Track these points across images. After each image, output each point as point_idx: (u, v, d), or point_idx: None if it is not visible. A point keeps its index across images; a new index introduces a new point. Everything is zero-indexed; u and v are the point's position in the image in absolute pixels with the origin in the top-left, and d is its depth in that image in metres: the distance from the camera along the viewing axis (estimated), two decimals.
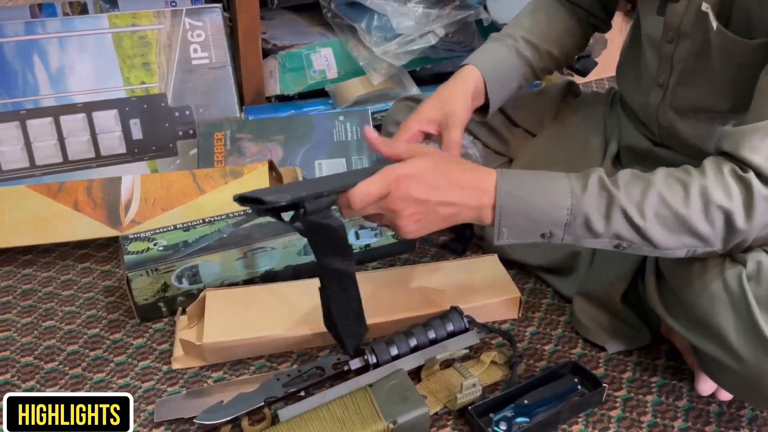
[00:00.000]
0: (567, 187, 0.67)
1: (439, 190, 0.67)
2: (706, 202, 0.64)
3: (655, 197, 0.65)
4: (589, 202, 0.66)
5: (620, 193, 0.66)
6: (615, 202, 0.65)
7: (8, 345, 0.91)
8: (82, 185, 1.09)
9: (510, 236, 0.69)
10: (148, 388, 0.83)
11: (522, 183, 0.68)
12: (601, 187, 0.67)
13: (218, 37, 1.27)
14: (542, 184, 0.68)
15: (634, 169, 0.93)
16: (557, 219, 0.67)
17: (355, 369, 0.81)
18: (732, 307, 0.67)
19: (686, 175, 0.65)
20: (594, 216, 0.66)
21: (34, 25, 1.19)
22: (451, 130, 0.83)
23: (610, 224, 0.66)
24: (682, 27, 0.79)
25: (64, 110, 1.22)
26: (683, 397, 0.81)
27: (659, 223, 0.65)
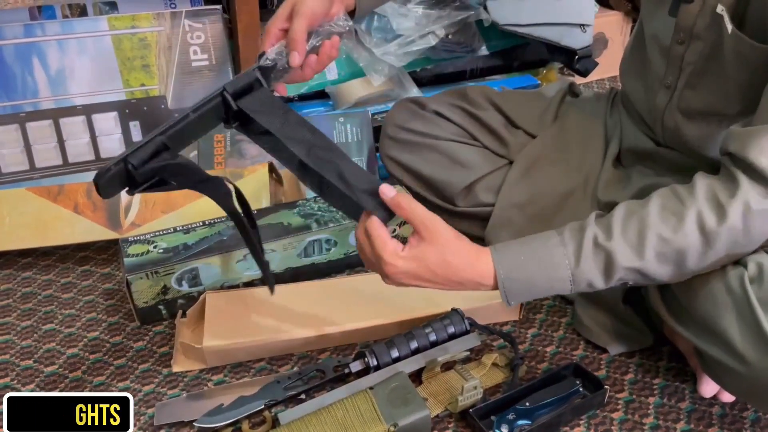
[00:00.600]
0: (563, 258, 0.68)
1: (432, 283, 0.70)
2: (703, 231, 0.65)
3: (652, 236, 0.66)
4: (587, 266, 0.68)
5: (614, 243, 0.67)
6: (613, 259, 0.67)
7: (8, 348, 0.91)
8: (81, 188, 1.09)
9: (519, 301, 0.73)
10: (148, 392, 0.83)
11: (519, 264, 0.69)
12: (596, 246, 0.68)
13: (218, 38, 1.27)
14: (539, 261, 0.69)
15: (637, 168, 0.94)
16: (561, 288, 0.69)
17: (356, 371, 0.81)
18: (735, 310, 0.67)
19: (679, 205, 0.66)
20: (596, 278, 0.68)
21: (34, 28, 1.19)
22: (295, 20, 0.78)
23: (612, 278, 0.68)
24: (695, 29, 0.78)
25: (63, 113, 1.21)
26: (686, 398, 0.81)
27: (659, 261, 0.66)
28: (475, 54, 1.42)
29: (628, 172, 0.96)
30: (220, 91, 0.72)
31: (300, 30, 0.78)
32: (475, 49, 1.41)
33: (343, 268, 1.02)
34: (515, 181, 1.01)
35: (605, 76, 1.78)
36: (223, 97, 0.72)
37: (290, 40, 0.78)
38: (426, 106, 1.08)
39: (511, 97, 1.11)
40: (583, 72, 1.52)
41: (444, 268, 0.69)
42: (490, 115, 1.07)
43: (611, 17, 1.72)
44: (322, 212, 1.00)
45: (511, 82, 1.44)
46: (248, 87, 0.74)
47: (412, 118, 1.08)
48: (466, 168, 1.04)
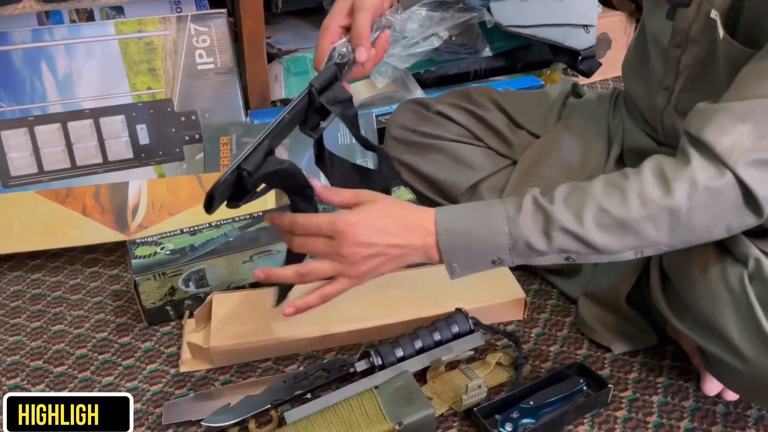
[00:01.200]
0: (502, 212, 0.68)
1: (387, 234, 0.70)
2: (645, 202, 0.64)
3: (592, 206, 0.66)
4: (525, 222, 0.67)
5: (555, 207, 0.67)
6: (552, 218, 0.66)
7: (18, 349, 0.92)
8: (89, 190, 1.10)
9: (462, 270, 0.71)
10: (156, 391, 0.84)
11: (459, 217, 0.70)
12: (536, 205, 0.68)
13: (223, 42, 1.28)
14: (478, 214, 0.69)
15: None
16: (500, 245, 0.68)
17: (361, 371, 0.81)
18: (734, 308, 0.67)
19: (623, 179, 0.66)
20: (534, 236, 0.67)
21: (42, 33, 1.20)
22: (358, 14, 0.78)
23: (551, 240, 0.67)
24: (691, 33, 0.78)
25: (71, 116, 1.23)
26: (689, 397, 0.81)
27: (600, 230, 0.66)
28: (478, 55, 1.43)
29: None
30: (308, 89, 0.72)
31: (365, 25, 0.77)
32: (478, 51, 1.42)
33: None
34: (519, 182, 1.01)
35: (609, 77, 1.78)
36: (310, 93, 0.72)
37: (355, 35, 0.77)
38: (430, 107, 1.09)
39: (515, 98, 1.12)
40: (587, 72, 1.52)
41: (389, 216, 0.69)
42: (494, 115, 1.08)
43: (615, 17, 1.73)
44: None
45: (515, 83, 1.45)
46: (329, 83, 0.74)
47: (416, 119, 1.09)
48: (470, 168, 1.04)
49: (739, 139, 0.62)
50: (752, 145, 0.61)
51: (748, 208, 0.63)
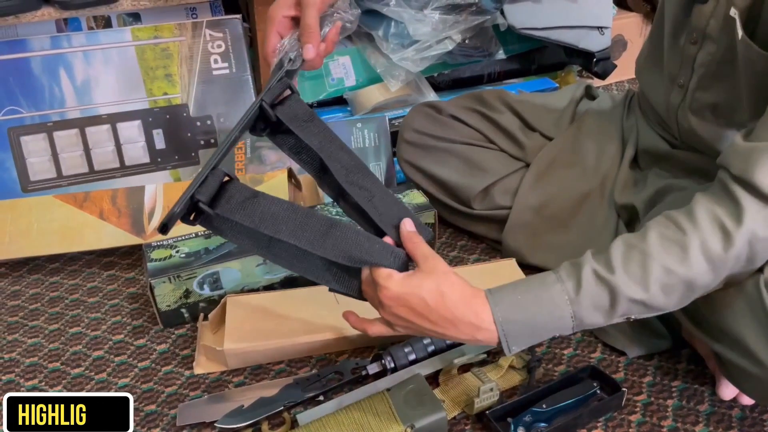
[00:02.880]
0: (563, 293, 0.64)
1: (426, 321, 0.66)
2: (709, 259, 0.62)
3: (657, 269, 0.63)
4: (588, 302, 0.64)
5: (618, 277, 0.63)
6: (616, 292, 0.63)
7: (36, 351, 0.93)
8: (107, 195, 1.11)
9: (521, 348, 0.67)
10: (171, 393, 0.85)
11: (516, 303, 0.65)
12: (597, 279, 0.64)
13: (238, 47, 1.29)
14: (537, 299, 0.65)
15: (654, 170, 0.93)
16: (563, 327, 0.65)
17: (373, 373, 0.81)
18: (751, 314, 0.66)
19: (680, 233, 0.63)
20: (599, 314, 0.65)
21: (60, 40, 1.22)
22: (306, 10, 0.77)
23: (615, 312, 0.64)
24: (708, 30, 0.77)
25: (89, 122, 1.25)
26: (705, 401, 0.80)
27: (665, 292, 0.63)
28: (492, 58, 1.43)
29: (644, 174, 0.96)
30: (259, 103, 0.71)
31: (313, 21, 0.76)
32: (492, 53, 1.42)
33: None
34: (532, 184, 1.01)
35: (624, 78, 1.77)
36: (262, 108, 0.71)
37: (304, 32, 0.76)
38: (443, 111, 1.09)
39: (528, 100, 1.12)
40: (602, 74, 1.51)
41: (437, 301, 0.64)
42: (507, 118, 1.08)
43: (630, 19, 1.72)
44: (340, 216, 1.01)
45: (529, 86, 1.44)
46: (282, 97, 0.74)
47: (429, 123, 1.09)
48: (483, 171, 1.04)
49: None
50: None
51: None
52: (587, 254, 0.66)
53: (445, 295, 0.65)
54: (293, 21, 0.80)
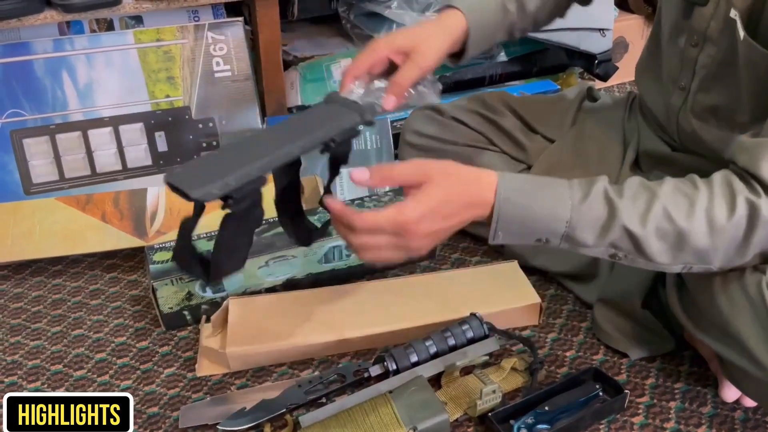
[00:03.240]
0: (568, 198, 0.66)
1: (451, 217, 0.67)
2: (710, 221, 0.63)
3: (659, 210, 0.64)
4: (588, 213, 0.65)
5: (624, 201, 0.65)
6: (616, 213, 0.64)
7: (39, 353, 0.93)
8: (109, 197, 1.12)
9: (504, 239, 0.69)
10: (173, 395, 0.85)
11: (522, 189, 0.67)
12: (605, 197, 0.66)
13: (240, 50, 1.30)
14: (543, 191, 0.67)
15: (655, 173, 0.93)
16: (555, 229, 0.66)
17: (376, 376, 0.82)
18: (753, 315, 0.66)
19: (693, 189, 0.65)
20: (592, 228, 0.66)
21: (63, 42, 1.22)
22: (411, 65, 0.79)
23: (607, 235, 0.65)
24: (709, 32, 0.78)
25: (91, 124, 1.25)
26: (707, 403, 0.80)
27: (658, 236, 0.64)
28: (493, 60, 1.43)
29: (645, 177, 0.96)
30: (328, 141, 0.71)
31: (410, 80, 0.78)
32: (493, 55, 1.42)
33: (362, 274, 1.03)
34: None
35: (626, 80, 1.77)
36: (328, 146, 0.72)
37: (395, 84, 0.78)
38: (444, 113, 1.09)
39: (529, 102, 1.12)
40: (603, 76, 1.51)
41: (457, 190, 0.66)
42: (508, 120, 1.08)
43: (631, 21, 1.72)
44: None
45: (531, 88, 1.45)
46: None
47: (431, 125, 1.09)
48: None
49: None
50: None
51: None
52: (603, 176, 0.68)
53: (459, 185, 0.66)
54: (390, 64, 0.81)
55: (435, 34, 0.82)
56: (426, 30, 0.82)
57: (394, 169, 0.68)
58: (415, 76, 0.79)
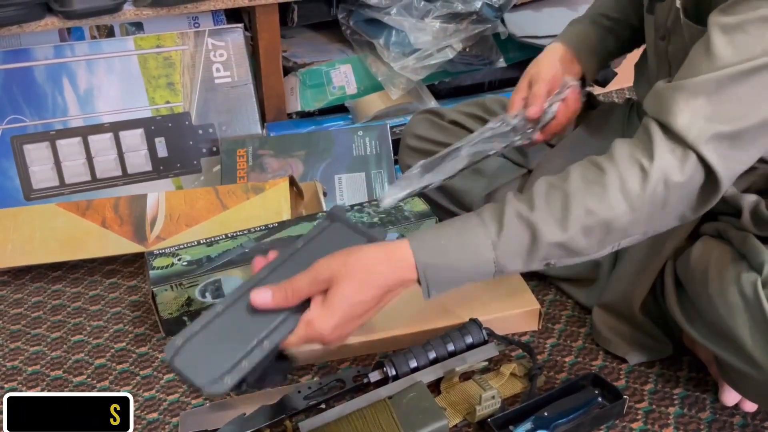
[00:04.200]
0: (485, 237, 0.65)
1: (368, 312, 0.67)
2: (628, 199, 0.63)
3: (577, 208, 0.64)
4: (509, 245, 0.65)
5: (538, 214, 0.64)
6: (537, 233, 0.64)
7: (39, 359, 0.93)
8: (109, 203, 1.12)
9: (441, 293, 0.68)
10: (173, 401, 0.85)
11: (439, 249, 0.66)
12: (519, 220, 0.65)
13: (240, 56, 1.30)
14: (460, 242, 0.66)
15: None
16: (485, 273, 0.66)
17: (375, 381, 0.81)
18: (748, 315, 0.66)
19: (600, 173, 0.65)
20: (519, 258, 0.66)
21: (63, 49, 1.23)
22: (534, 85, 0.89)
23: (535, 256, 0.66)
24: (668, 24, 0.80)
25: (92, 130, 1.25)
26: (706, 408, 0.80)
27: (584, 233, 0.64)
28: (492, 66, 1.43)
29: None
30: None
31: (541, 92, 0.89)
32: (492, 62, 1.42)
33: None
34: None
35: (625, 86, 1.78)
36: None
37: (532, 96, 0.89)
38: (444, 116, 1.10)
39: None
40: (602, 82, 1.51)
41: (367, 288, 0.65)
42: None
43: None
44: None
45: None
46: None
47: (431, 128, 1.09)
48: (485, 177, 1.05)
49: (694, 115, 0.62)
50: (707, 121, 0.62)
51: (708, 188, 0.64)
52: (509, 195, 0.67)
53: (370, 280, 0.65)
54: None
55: (540, 60, 0.96)
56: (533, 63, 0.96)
57: (294, 282, 0.65)
58: (544, 88, 0.90)
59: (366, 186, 1.24)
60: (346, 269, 0.65)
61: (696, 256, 0.76)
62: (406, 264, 0.66)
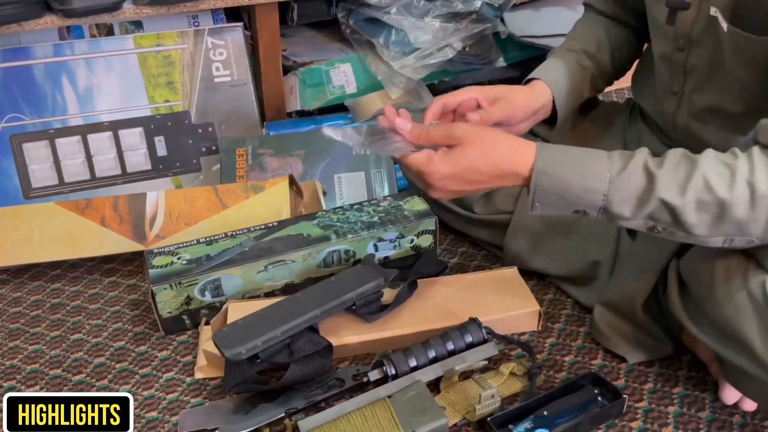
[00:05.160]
0: (606, 171, 0.67)
1: (476, 183, 0.71)
2: (752, 191, 0.62)
3: (699, 180, 0.63)
4: (625, 187, 0.66)
5: (662, 171, 0.65)
6: (655, 185, 0.64)
7: (38, 358, 0.93)
8: (108, 201, 1.12)
9: (542, 210, 0.71)
10: (172, 400, 0.85)
11: (559, 161, 0.68)
12: (643, 170, 0.66)
13: (239, 55, 1.30)
14: (581, 164, 0.68)
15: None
16: (593, 202, 0.68)
17: (374, 380, 0.82)
18: (756, 315, 0.66)
19: (734, 158, 0.64)
20: (629, 202, 0.66)
21: (63, 47, 1.23)
22: (497, 108, 0.85)
23: (645, 207, 0.66)
24: (694, 35, 0.79)
25: (91, 129, 1.25)
26: (706, 408, 0.80)
27: (698, 207, 0.64)
28: (492, 66, 1.43)
29: None
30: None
31: (493, 119, 0.84)
32: (492, 61, 1.42)
33: None
34: None
35: (624, 86, 1.78)
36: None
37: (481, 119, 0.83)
38: None
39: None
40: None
41: (488, 164, 0.69)
42: None
43: None
44: (341, 223, 1.01)
45: None
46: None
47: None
48: None
49: None
50: None
51: None
52: (644, 148, 0.68)
53: (491, 156, 0.70)
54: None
55: (523, 92, 0.90)
56: (516, 88, 0.91)
57: (432, 128, 0.74)
58: (497, 118, 0.85)
59: (365, 185, 1.24)
60: (476, 137, 0.71)
61: (701, 256, 0.75)
62: (526, 160, 0.69)
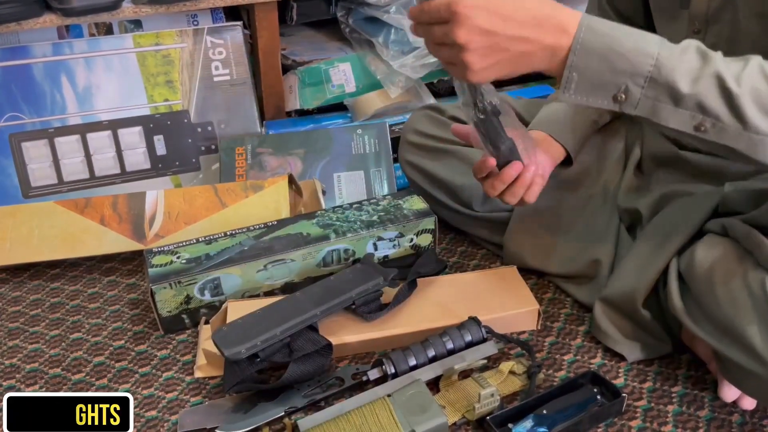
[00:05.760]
0: (657, 38, 0.61)
1: (512, 23, 0.59)
2: None
3: (755, 69, 0.60)
4: (679, 57, 0.60)
5: (718, 56, 0.61)
6: (709, 64, 0.60)
7: (37, 357, 0.93)
8: (107, 200, 1.12)
9: (578, 87, 0.62)
10: (171, 399, 0.85)
11: (606, 23, 0.62)
12: (697, 49, 0.61)
13: (239, 54, 1.30)
14: (630, 29, 0.62)
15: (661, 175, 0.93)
16: (639, 68, 0.60)
17: (374, 379, 0.82)
18: (755, 312, 0.66)
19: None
20: (681, 73, 0.60)
21: (62, 46, 1.23)
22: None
23: (697, 86, 0.60)
24: (710, 13, 0.78)
25: (90, 128, 1.25)
26: (705, 406, 0.80)
27: (755, 96, 0.59)
28: None
29: (647, 179, 0.96)
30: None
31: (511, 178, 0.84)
32: None
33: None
34: None
35: None
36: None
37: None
38: (445, 112, 1.10)
39: (530, 104, 1.12)
40: None
41: (523, 8, 0.59)
42: None
43: None
44: (340, 223, 1.01)
45: (529, 92, 1.45)
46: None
47: (431, 124, 1.10)
48: None
49: None
50: None
51: None
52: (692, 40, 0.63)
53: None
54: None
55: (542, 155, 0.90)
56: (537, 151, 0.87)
57: None
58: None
59: (365, 184, 1.24)
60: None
61: (701, 253, 0.75)
62: (571, 14, 0.61)
